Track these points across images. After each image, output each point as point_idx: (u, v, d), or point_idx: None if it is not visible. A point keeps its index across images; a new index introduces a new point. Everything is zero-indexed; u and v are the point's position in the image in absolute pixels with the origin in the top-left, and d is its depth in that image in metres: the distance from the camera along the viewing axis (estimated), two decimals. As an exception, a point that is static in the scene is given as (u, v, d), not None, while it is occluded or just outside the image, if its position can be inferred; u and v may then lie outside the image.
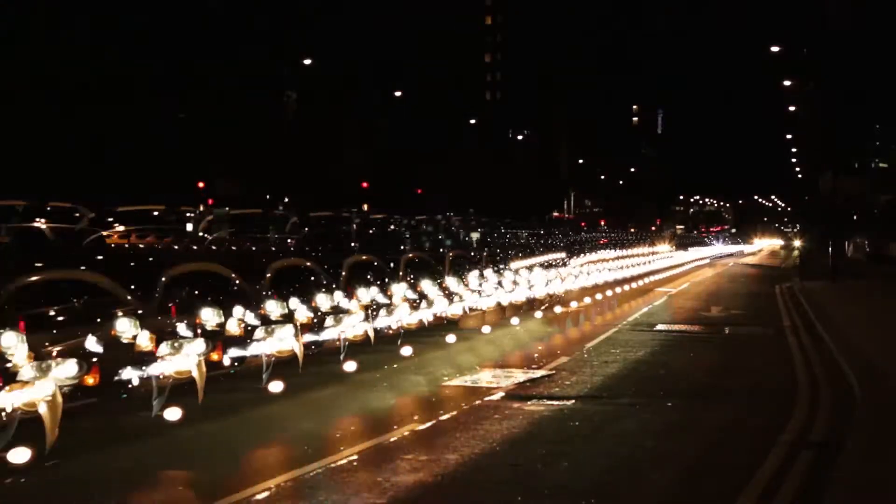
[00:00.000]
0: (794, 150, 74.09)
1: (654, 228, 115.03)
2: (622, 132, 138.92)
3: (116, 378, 10.11)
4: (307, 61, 61.13)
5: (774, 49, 50.48)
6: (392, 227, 46.27)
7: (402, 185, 73.77)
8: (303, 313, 13.91)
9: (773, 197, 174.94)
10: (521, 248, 33.66)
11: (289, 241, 34.91)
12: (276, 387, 11.71)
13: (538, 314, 22.02)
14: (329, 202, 65.65)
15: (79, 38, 52.56)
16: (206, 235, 35.63)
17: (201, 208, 63.70)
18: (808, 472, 9.03)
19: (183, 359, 10.25)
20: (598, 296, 27.96)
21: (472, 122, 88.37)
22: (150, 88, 55.95)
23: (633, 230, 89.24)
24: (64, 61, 50.44)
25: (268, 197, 67.54)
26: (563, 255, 32.68)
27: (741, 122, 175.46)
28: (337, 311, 14.46)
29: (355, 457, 9.34)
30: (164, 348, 10.26)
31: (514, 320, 20.67)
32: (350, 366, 13.40)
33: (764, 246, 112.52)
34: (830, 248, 41.83)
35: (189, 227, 42.60)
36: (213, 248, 29.31)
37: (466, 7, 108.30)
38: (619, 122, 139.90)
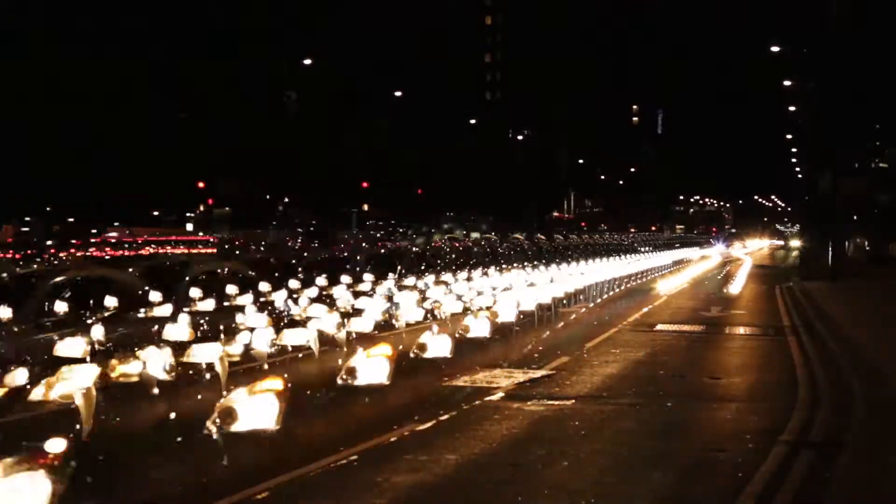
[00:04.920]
0: (794, 150, 74.04)
1: (654, 228, 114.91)
2: (622, 132, 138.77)
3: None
4: (307, 61, 61.19)
5: (774, 49, 50.42)
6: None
7: (401, 184, 73.81)
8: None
9: (773, 197, 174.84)
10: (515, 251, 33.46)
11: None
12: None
13: (537, 315, 21.89)
14: (329, 202, 65.63)
15: (79, 38, 52.59)
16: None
17: (201, 208, 63.64)
18: (808, 472, 9.03)
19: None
20: (598, 296, 27.93)
21: (472, 122, 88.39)
22: (150, 88, 56.00)
23: (633, 231, 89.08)
24: (62, 61, 50.46)
25: (268, 197, 67.57)
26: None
27: (741, 122, 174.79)
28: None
29: (355, 457, 9.34)
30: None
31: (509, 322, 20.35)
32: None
33: (748, 251, 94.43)
34: (830, 249, 41.76)
35: (189, 226, 42.75)
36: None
37: (466, 7, 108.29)
38: (619, 122, 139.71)
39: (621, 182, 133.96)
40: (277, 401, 8.21)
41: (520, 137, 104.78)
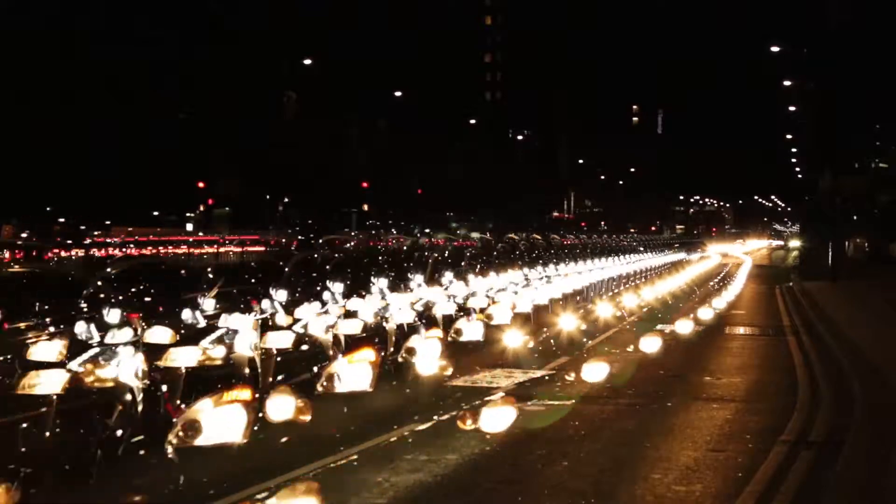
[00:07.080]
0: (794, 150, 74.04)
1: (653, 229, 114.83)
2: (622, 132, 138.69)
3: None
4: (307, 61, 61.15)
5: (774, 49, 50.42)
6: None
7: (401, 185, 73.80)
8: None
9: (773, 197, 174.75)
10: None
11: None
12: None
13: (537, 315, 21.82)
14: (329, 202, 65.48)
15: (79, 38, 52.60)
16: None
17: (201, 208, 63.62)
18: (808, 472, 9.03)
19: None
20: (598, 296, 27.87)
21: (472, 122, 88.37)
22: (150, 88, 56.00)
23: (633, 231, 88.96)
24: (63, 61, 50.46)
25: (268, 197, 67.52)
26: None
27: (741, 122, 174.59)
28: None
29: (355, 457, 9.34)
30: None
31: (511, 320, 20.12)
32: None
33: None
34: (830, 249, 41.71)
35: (189, 227, 42.73)
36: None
37: (466, 7, 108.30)
38: (619, 122, 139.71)
39: (621, 182, 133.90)
40: None
41: (520, 137, 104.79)
